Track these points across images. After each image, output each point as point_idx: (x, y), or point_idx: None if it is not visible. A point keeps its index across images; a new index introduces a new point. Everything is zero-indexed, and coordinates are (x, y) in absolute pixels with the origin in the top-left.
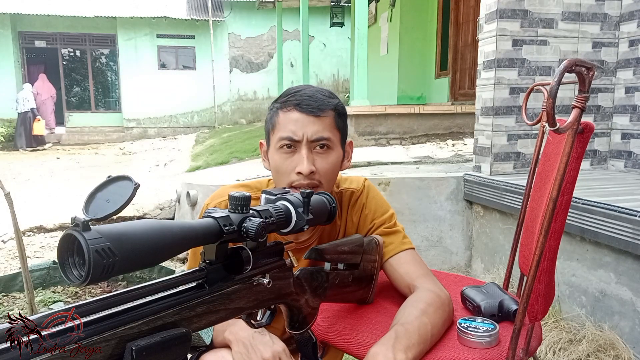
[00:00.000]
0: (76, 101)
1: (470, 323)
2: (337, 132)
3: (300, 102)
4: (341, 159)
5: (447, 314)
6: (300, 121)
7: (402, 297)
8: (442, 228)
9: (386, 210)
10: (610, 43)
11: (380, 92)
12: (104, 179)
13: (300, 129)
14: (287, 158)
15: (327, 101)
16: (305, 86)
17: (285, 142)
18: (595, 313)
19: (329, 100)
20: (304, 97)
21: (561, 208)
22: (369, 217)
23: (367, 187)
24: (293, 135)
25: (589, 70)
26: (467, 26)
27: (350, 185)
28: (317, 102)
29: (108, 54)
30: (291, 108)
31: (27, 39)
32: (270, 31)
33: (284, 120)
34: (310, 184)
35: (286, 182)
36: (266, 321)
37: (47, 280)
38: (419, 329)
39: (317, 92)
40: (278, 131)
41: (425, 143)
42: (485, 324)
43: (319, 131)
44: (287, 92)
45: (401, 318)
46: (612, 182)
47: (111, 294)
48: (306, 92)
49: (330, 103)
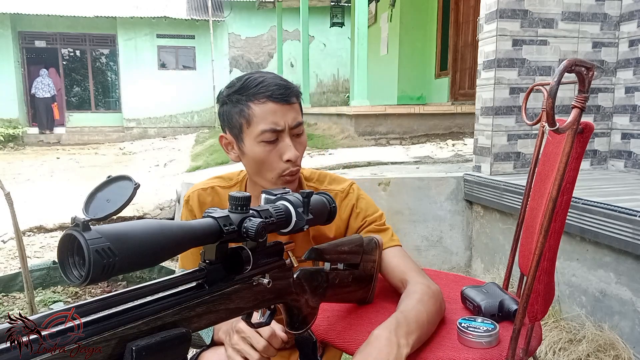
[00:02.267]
0: (76, 101)
1: (470, 323)
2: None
3: (272, 93)
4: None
5: (440, 304)
6: (278, 111)
7: (399, 295)
8: (442, 228)
9: (376, 210)
10: (610, 43)
11: (380, 92)
12: (104, 179)
13: (281, 118)
14: (272, 149)
15: (291, 86)
16: (259, 74)
17: (268, 134)
18: (595, 313)
19: (291, 85)
20: (272, 87)
21: (561, 208)
22: (360, 215)
23: (356, 189)
24: (276, 126)
25: (588, 70)
26: (467, 26)
27: (337, 186)
28: (286, 90)
29: (108, 54)
30: (264, 100)
31: (27, 39)
32: (270, 31)
33: (260, 112)
34: (297, 169)
35: (275, 172)
36: (266, 321)
37: (47, 280)
38: (417, 316)
39: (277, 79)
40: (257, 124)
41: (425, 143)
42: (485, 323)
43: (295, 117)
44: (248, 83)
45: (399, 307)
46: (612, 182)
47: (111, 294)
48: (270, 81)
49: (293, 88)
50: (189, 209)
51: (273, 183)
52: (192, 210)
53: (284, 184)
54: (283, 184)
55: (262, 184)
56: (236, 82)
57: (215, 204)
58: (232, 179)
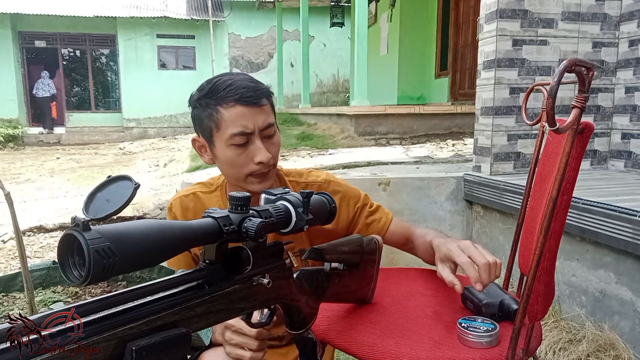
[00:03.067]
0: (76, 101)
1: (470, 323)
2: (273, 114)
3: (240, 96)
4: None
5: None
6: (247, 115)
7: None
8: (442, 228)
9: (358, 192)
10: (610, 43)
11: (380, 92)
12: (104, 179)
13: (250, 121)
14: (242, 152)
15: (260, 87)
16: (228, 76)
17: (237, 138)
18: (595, 313)
19: (260, 86)
20: (241, 90)
21: (561, 208)
22: (350, 203)
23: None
24: (245, 130)
25: (588, 70)
26: (467, 26)
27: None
28: (255, 92)
29: (108, 54)
30: (233, 103)
31: (27, 39)
32: (270, 31)
33: (229, 116)
34: (268, 170)
35: (244, 173)
36: (266, 321)
37: (47, 280)
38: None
39: (246, 81)
40: (226, 128)
41: (425, 143)
42: (485, 323)
43: (265, 119)
44: (216, 87)
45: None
46: (612, 182)
47: (111, 294)
48: (239, 84)
49: (262, 89)
50: (172, 216)
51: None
52: (175, 217)
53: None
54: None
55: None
56: (206, 85)
57: (197, 209)
58: (213, 184)
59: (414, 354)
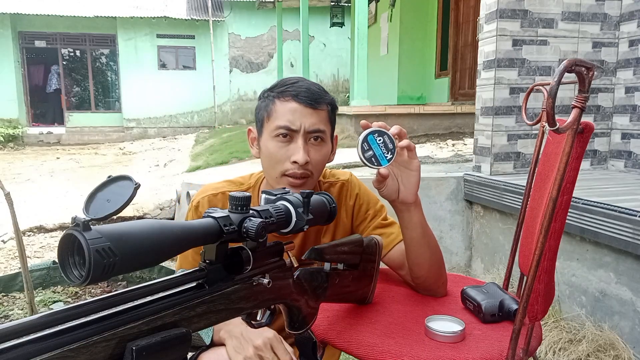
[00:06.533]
0: (76, 101)
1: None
2: (330, 126)
3: (299, 94)
4: (330, 152)
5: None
6: (298, 112)
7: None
8: (442, 228)
9: (377, 201)
10: (610, 43)
11: (380, 92)
12: (104, 179)
13: (298, 119)
14: (283, 147)
15: (323, 95)
16: (300, 78)
17: (282, 130)
18: (595, 313)
19: (324, 95)
20: (302, 89)
21: (561, 208)
22: (363, 206)
23: (357, 180)
24: (290, 125)
25: (588, 70)
26: (467, 26)
27: (339, 178)
28: (315, 95)
29: (108, 54)
30: (289, 98)
31: (27, 39)
32: (270, 31)
33: (281, 109)
34: (303, 173)
35: (279, 170)
36: (266, 321)
37: (47, 280)
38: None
39: (312, 85)
40: (275, 120)
41: (425, 143)
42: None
43: (315, 123)
44: (283, 82)
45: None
46: (612, 182)
47: (111, 294)
48: (303, 84)
49: (326, 97)
50: (198, 215)
51: (277, 182)
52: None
53: (288, 185)
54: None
55: (271, 182)
56: (277, 82)
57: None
58: (244, 184)
59: (414, 354)
